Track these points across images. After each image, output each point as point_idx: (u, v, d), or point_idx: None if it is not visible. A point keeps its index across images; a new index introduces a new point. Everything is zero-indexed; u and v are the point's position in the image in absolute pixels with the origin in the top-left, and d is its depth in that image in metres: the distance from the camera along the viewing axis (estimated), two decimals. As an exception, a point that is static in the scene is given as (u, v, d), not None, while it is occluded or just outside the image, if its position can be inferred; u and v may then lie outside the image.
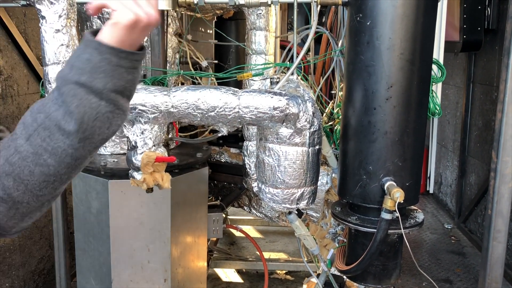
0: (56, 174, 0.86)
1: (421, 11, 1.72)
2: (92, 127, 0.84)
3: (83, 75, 0.82)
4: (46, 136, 0.83)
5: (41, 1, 1.82)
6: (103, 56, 0.82)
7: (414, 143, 1.81)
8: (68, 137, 0.83)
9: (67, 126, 0.82)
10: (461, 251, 4.44)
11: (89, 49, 0.83)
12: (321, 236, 2.41)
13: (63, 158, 0.85)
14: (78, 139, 0.84)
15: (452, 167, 5.28)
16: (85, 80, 0.82)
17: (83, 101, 0.82)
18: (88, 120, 0.83)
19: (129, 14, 0.84)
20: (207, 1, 2.08)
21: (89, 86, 0.82)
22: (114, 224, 2.33)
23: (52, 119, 0.83)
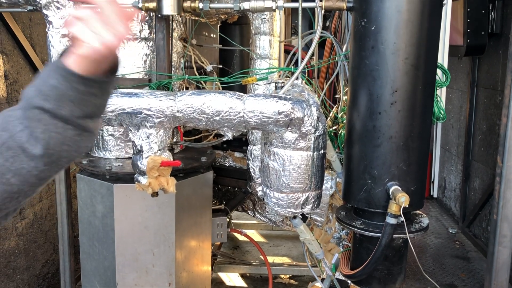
0: (20, 191, 0.83)
1: (425, 16, 1.72)
2: (59, 151, 0.81)
3: (49, 102, 0.77)
4: (9, 156, 0.79)
5: (48, 7, 1.83)
6: (71, 84, 0.78)
7: (419, 148, 1.82)
8: (33, 160, 0.79)
9: (32, 149, 0.78)
10: (465, 256, 4.42)
11: (57, 75, 0.78)
12: (325, 240, 2.41)
13: (27, 179, 0.81)
14: (43, 163, 0.80)
15: (456, 172, 5.26)
16: (50, 108, 0.78)
17: (48, 126, 0.78)
18: (54, 145, 0.80)
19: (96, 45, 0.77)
20: (212, 6, 2.10)
21: (54, 113, 0.78)
22: (119, 228, 2.33)
23: (17, 140, 0.79)
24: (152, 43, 2.38)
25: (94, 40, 0.77)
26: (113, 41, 0.78)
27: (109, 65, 0.83)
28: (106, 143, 2.46)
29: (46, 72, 0.80)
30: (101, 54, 0.78)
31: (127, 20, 0.80)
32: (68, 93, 0.78)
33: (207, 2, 2.07)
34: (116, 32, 0.78)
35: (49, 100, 0.77)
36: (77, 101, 0.78)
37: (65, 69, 0.78)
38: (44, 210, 3.42)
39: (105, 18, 0.78)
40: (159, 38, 2.20)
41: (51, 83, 0.78)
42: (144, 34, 2.35)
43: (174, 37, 2.47)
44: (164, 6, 2.06)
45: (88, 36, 0.77)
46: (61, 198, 2.69)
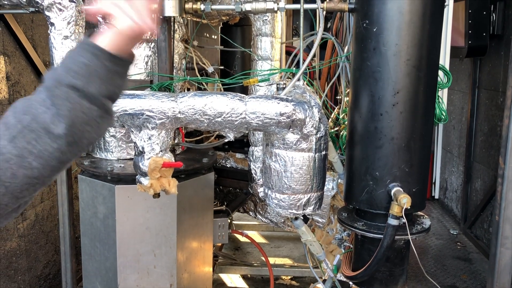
0: (40, 177, 0.83)
1: (427, 17, 1.72)
2: (82, 131, 0.83)
3: (79, 79, 0.81)
4: (32, 138, 0.80)
5: (50, 8, 1.84)
6: (100, 61, 0.82)
7: (421, 149, 1.82)
8: (56, 141, 0.81)
9: (55, 129, 0.80)
10: (467, 257, 4.41)
11: (87, 53, 0.82)
12: (327, 241, 2.40)
13: (49, 162, 0.82)
14: (66, 143, 0.82)
15: (458, 173, 5.26)
16: (80, 84, 0.81)
17: (75, 105, 0.81)
18: (78, 124, 0.82)
19: (130, 22, 0.84)
20: (213, 7, 2.10)
21: (83, 91, 0.81)
22: (120, 229, 2.33)
23: (40, 121, 0.80)
24: (153, 45, 2.38)
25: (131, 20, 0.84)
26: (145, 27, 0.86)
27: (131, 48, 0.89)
28: (107, 144, 2.46)
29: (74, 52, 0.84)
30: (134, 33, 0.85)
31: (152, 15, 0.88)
32: (97, 70, 0.82)
33: (209, 4, 2.08)
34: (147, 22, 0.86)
35: (79, 77, 0.81)
36: (104, 78, 0.83)
37: (95, 47, 0.82)
38: (46, 211, 3.42)
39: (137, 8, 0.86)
40: (161, 40, 2.21)
41: (81, 60, 0.81)
42: (146, 35, 2.35)
43: (176, 38, 2.48)
44: (166, 8, 2.07)
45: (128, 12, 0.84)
46: (63, 199, 2.69)
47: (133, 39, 0.86)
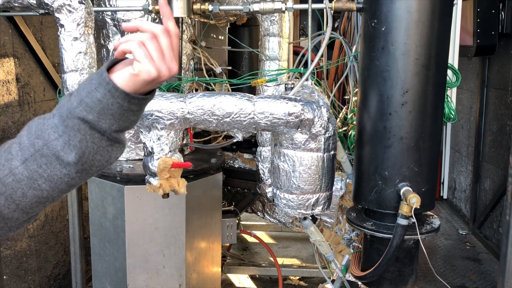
0: (49, 197, 0.87)
1: (436, 16, 1.72)
2: (91, 160, 0.85)
3: (91, 114, 0.81)
4: (43, 163, 0.83)
5: (60, 10, 1.85)
6: (115, 100, 0.81)
7: (430, 148, 1.81)
8: (65, 167, 0.83)
9: (66, 157, 0.82)
10: (476, 258, 4.38)
11: (103, 89, 0.81)
12: (335, 242, 2.40)
13: (58, 185, 0.85)
14: (76, 170, 0.84)
15: (466, 172, 5.23)
16: (92, 119, 0.81)
17: (86, 136, 0.82)
18: (88, 154, 0.83)
19: (152, 71, 0.80)
20: (221, 8, 2.11)
21: (94, 125, 0.82)
22: (129, 229, 2.35)
23: (51, 148, 0.82)
24: (162, 46, 2.39)
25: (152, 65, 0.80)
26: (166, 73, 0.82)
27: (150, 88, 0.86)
28: (116, 145, 2.47)
29: (90, 85, 0.82)
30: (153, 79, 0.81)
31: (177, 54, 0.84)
32: (111, 108, 0.81)
33: (217, 5, 2.08)
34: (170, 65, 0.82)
35: (91, 112, 0.81)
36: (118, 116, 0.82)
37: (113, 86, 0.80)
38: (55, 212, 3.45)
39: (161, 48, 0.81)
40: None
41: (96, 96, 0.80)
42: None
43: (184, 39, 2.48)
44: (174, 9, 2.07)
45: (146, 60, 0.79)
46: (72, 200, 2.71)
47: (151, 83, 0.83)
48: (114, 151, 0.87)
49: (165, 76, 0.82)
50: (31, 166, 0.83)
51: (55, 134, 0.82)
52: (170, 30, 0.82)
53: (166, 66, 0.81)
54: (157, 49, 0.80)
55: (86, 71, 1.93)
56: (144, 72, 0.80)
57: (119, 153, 0.89)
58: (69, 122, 0.81)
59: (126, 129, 0.86)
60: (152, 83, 0.83)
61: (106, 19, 2.35)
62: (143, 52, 0.80)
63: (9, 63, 2.95)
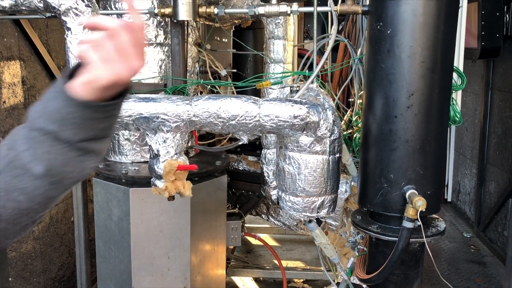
0: (29, 208, 0.83)
1: (442, 19, 1.72)
2: (62, 172, 0.80)
3: (51, 124, 0.76)
4: (15, 174, 0.79)
5: (67, 13, 1.86)
6: (73, 108, 0.75)
7: (436, 151, 1.81)
8: (36, 180, 0.79)
9: (35, 169, 0.78)
10: (481, 261, 4.37)
11: (59, 98, 0.76)
12: (340, 244, 2.40)
13: (34, 197, 0.81)
14: (47, 182, 0.80)
15: (471, 175, 5.22)
16: (53, 130, 0.76)
17: (50, 148, 0.77)
18: (57, 166, 0.78)
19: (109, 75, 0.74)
20: (227, 11, 2.11)
21: (56, 136, 0.76)
22: (134, 231, 2.35)
23: (21, 159, 0.78)
24: (167, 49, 2.40)
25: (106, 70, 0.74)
26: (126, 74, 0.75)
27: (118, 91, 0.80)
28: (122, 147, 2.48)
29: (50, 93, 0.78)
30: (111, 84, 0.76)
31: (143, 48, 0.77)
32: (70, 117, 0.75)
33: (222, 8, 2.09)
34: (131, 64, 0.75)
35: (52, 122, 0.76)
36: (81, 125, 0.76)
37: (67, 94, 0.75)
38: (60, 214, 3.46)
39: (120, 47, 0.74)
40: (175, 44, 2.22)
41: (54, 105, 0.76)
42: (160, 39, 2.38)
43: (189, 42, 2.49)
44: (180, 12, 2.08)
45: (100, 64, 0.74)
46: (78, 202, 2.72)
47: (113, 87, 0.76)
48: (86, 161, 0.81)
49: (126, 77, 0.76)
50: (6, 178, 0.80)
51: (24, 145, 0.78)
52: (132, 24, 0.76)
53: (127, 65, 0.75)
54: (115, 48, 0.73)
55: (92, 74, 1.94)
56: (101, 77, 0.74)
57: (94, 163, 0.83)
58: (32, 134, 0.77)
59: (97, 137, 0.80)
60: (114, 86, 0.77)
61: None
62: (98, 55, 0.73)
63: (15, 65, 2.97)
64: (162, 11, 2.14)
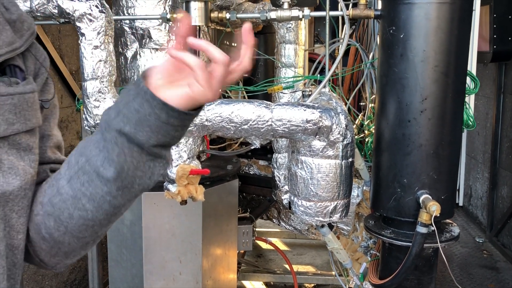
0: (95, 219, 0.84)
1: (455, 23, 1.71)
2: (132, 177, 0.80)
3: (128, 125, 0.77)
4: (85, 180, 0.80)
5: (81, 19, 1.88)
6: (152, 110, 0.76)
7: (450, 156, 1.80)
8: (106, 185, 0.80)
9: (105, 173, 0.79)
10: (494, 266, 4.32)
11: (140, 99, 0.77)
12: (353, 249, 2.39)
13: (101, 205, 0.82)
14: (116, 187, 0.80)
15: (483, 179, 5.17)
16: (129, 131, 0.77)
17: (124, 150, 0.78)
18: (127, 169, 0.79)
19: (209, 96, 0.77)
20: (239, 16, 2.12)
21: (131, 137, 0.77)
22: (147, 235, 2.36)
23: (92, 164, 0.79)
24: (179, 53, 2.41)
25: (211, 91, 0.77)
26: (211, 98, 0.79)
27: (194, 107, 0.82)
28: (134, 151, 2.49)
29: (128, 95, 0.79)
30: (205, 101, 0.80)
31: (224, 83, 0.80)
32: (148, 119, 0.77)
33: (234, 13, 2.10)
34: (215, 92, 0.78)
35: (128, 122, 0.77)
36: (155, 128, 0.77)
37: (151, 95, 0.77)
38: (72, 218, 3.48)
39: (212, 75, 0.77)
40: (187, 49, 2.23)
41: (134, 106, 0.77)
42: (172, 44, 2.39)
43: (201, 47, 2.50)
44: (192, 17, 2.09)
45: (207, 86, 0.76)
46: (90, 206, 2.73)
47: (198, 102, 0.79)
48: (156, 167, 0.82)
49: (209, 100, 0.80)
50: (75, 185, 0.81)
51: (96, 149, 0.79)
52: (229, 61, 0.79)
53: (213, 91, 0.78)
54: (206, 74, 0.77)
55: (106, 79, 1.95)
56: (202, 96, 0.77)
57: (162, 170, 0.84)
58: (107, 135, 0.78)
59: (167, 144, 0.81)
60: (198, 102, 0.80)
61: (124, 27, 2.38)
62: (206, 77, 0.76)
63: (29, 71, 3.00)
64: (174, 16, 2.15)
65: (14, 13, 0.86)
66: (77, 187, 0.81)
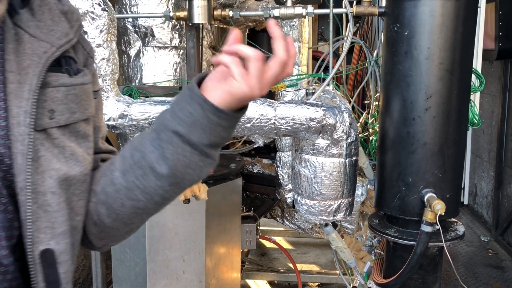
0: (145, 208, 0.91)
1: (460, 20, 1.69)
2: (183, 173, 0.87)
3: (182, 127, 0.83)
4: (139, 174, 0.87)
5: (84, 17, 1.88)
6: (205, 113, 0.82)
7: (454, 154, 1.78)
8: (159, 180, 0.86)
9: (160, 169, 0.85)
10: (499, 265, 4.29)
11: (194, 103, 0.83)
12: (357, 248, 2.38)
13: (153, 197, 0.89)
14: (168, 183, 0.87)
15: (488, 178, 5.14)
16: (183, 132, 0.83)
17: (177, 149, 0.84)
18: (180, 167, 0.86)
19: (246, 90, 0.82)
20: (242, 14, 2.11)
21: (185, 137, 0.84)
22: (150, 234, 2.36)
23: (147, 159, 0.86)
24: (182, 52, 2.41)
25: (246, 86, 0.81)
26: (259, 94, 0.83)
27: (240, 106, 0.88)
28: (137, 150, 2.49)
29: (182, 99, 0.84)
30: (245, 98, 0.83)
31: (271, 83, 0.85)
32: (201, 121, 0.83)
33: (237, 11, 2.09)
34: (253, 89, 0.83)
35: (183, 124, 0.83)
36: (208, 130, 0.84)
37: (203, 99, 0.82)
38: (76, 216, 3.48)
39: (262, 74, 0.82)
40: (190, 47, 2.23)
41: (188, 109, 0.83)
42: (175, 42, 2.38)
43: (204, 45, 2.50)
44: (195, 15, 2.09)
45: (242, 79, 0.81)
46: (93, 204, 2.73)
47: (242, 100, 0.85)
48: (205, 166, 0.88)
49: (257, 97, 0.84)
50: (129, 177, 0.87)
51: (151, 147, 0.86)
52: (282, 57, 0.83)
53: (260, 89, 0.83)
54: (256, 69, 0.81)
55: (109, 77, 1.95)
56: (238, 90, 0.82)
57: (210, 168, 0.90)
58: (163, 135, 0.85)
59: (217, 145, 0.87)
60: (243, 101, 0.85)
61: (127, 25, 2.38)
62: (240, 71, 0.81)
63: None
64: (177, 15, 2.15)
65: (65, 4, 0.90)
66: (131, 179, 0.87)
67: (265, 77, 0.83)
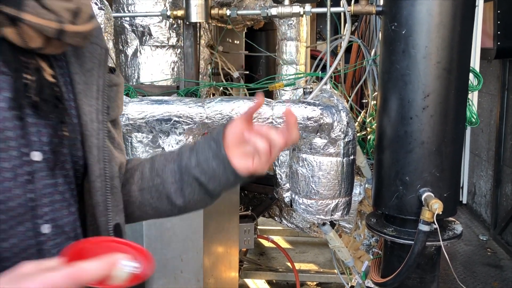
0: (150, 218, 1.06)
1: (458, 19, 1.69)
2: (194, 207, 1.01)
3: (203, 176, 0.95)
4: (155, 196, 0.99)
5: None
6: (226, 173, 0.94)
7: (452, 153, 1.78)
8: (171, 206, 0.99)
9: (175, 200, 0.97)
10: (498, 264, 4.29)
11: (218, 161, 0.93)
12: (355, 247, 2.37)
13: (160, 214, 1.03)
14: (178, 210, 1.01)
15: (487, 177, 5.14)
16: (203, 181, 0.95)
17: (195, 190, 0.97)
18: (193, 203, 0.99)
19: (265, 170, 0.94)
20: (239, 13, 2.11)
21: (204, 185, 0.96)
22: (147, 233, 2.35)
23: (166, 188, 0.98)
24: (179, 51, 2.40)
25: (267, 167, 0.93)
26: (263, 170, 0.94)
27: None
28: (135, 149, 2.48)
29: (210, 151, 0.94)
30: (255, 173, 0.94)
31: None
32: (220, 178, 0.95)
33: (235, 9, 2.08)
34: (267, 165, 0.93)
35: (204, 175, 0.95)
36: (223, 184, 0.96)
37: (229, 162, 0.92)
38: (74, 216, 3.48)
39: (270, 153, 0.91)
40: (187, 46, 2.22)
41: (212, 165, 0.94)
42: (172, 41, 2.38)
43: (201, 44, 2.49)
44: (192, 14, 2.08)
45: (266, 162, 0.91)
46: (91, 204, 2.73)
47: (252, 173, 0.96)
48: (211, 202, 1.01)
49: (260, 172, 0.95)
50: (146, 196, 0.99)
51: (172, 178, 0.97)
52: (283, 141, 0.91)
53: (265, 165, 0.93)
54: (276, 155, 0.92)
55: (105, 76, 1.94)
56: (260, 169, 0.93)
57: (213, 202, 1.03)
58: (185, 177, 0.97)
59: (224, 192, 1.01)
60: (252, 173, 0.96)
61: (124, 24, 2.37)
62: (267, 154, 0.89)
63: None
64: (174, 13, 2.14)
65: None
66: (146, 198, 0.99)
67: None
